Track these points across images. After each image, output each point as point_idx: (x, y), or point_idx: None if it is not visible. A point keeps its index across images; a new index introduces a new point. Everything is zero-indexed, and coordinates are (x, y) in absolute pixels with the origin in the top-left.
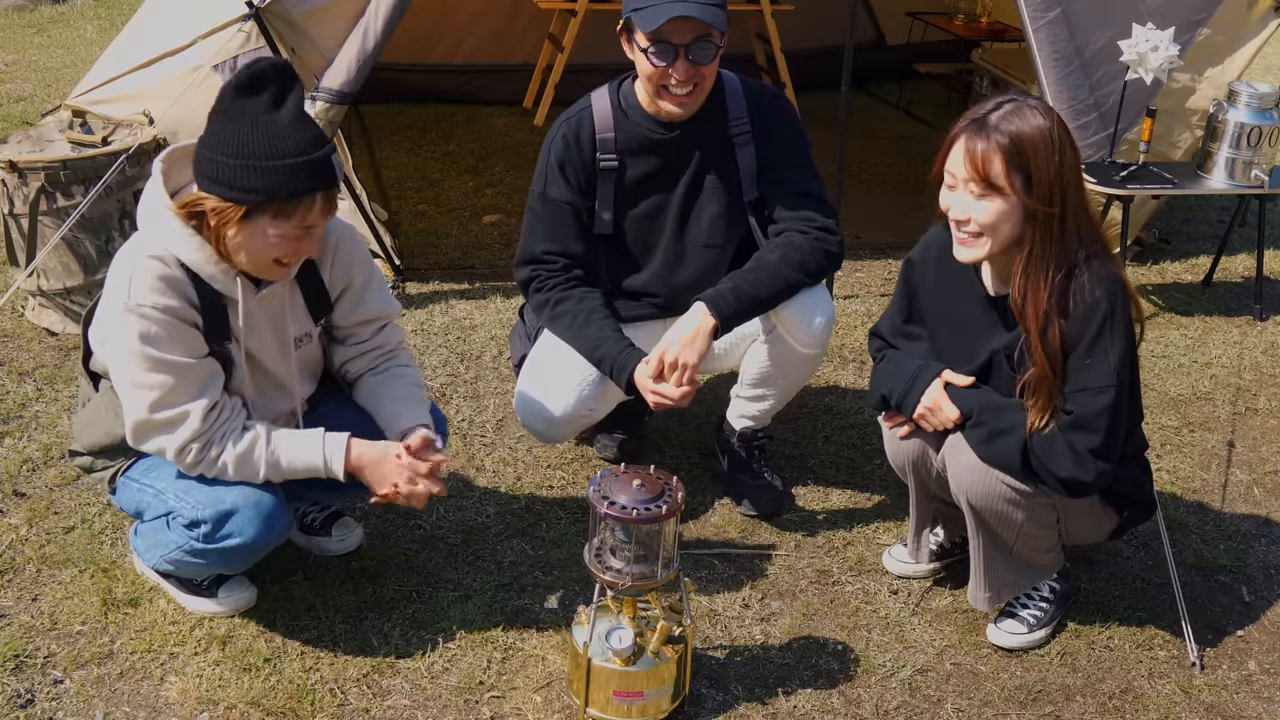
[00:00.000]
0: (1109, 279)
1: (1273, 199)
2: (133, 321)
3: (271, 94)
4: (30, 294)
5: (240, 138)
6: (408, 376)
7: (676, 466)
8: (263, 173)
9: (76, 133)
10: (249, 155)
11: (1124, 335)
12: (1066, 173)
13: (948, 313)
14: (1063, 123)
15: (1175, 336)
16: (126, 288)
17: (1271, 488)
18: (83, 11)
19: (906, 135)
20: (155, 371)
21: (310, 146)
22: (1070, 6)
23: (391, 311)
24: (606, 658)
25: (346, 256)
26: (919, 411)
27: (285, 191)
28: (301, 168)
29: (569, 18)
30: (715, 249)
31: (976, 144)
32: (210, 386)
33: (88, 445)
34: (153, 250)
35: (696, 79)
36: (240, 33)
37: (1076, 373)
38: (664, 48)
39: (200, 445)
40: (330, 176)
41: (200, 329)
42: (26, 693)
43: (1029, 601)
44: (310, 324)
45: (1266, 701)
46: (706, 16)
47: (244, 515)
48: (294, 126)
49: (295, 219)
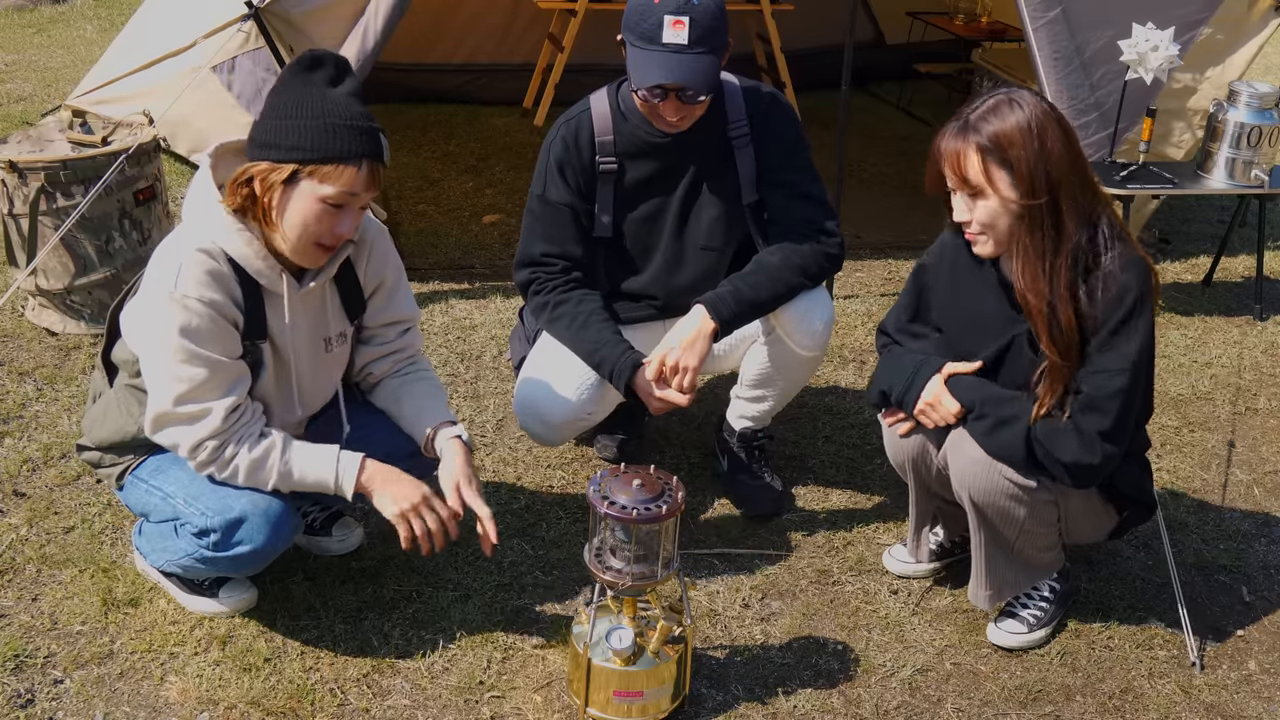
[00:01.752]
0: (1137, 264)
1: (1273, 199)
2: (176, 312)
3: (328, 73)
4: (30, 294)
5: (294, 101)
6: (431, 379)
7: (676, 466)
8: (312, 132)
9: (76, 133)
10: (300, 116)
11: (1147, 322)
12: (1052, 159)
13: (965, 305)
14: (1050, 110)
15: (1175, 336)
16: (174, 278)
17: (1271, 488)
18: (83, 11)
19: (906, 135)
20: (188, 364)
21: (362, 117)
22: (1070, 6)
23: (416, 315)
24: (606, 658)
25: (380, 255)
26: (919, 407)
27: (334, 149)
28: (350, 130)
29: (569, 18)
30: (714, 252)
31: (954, 147)
32: (237, 388)
33: (97, 441)
34: (201, 243)
35: (688, 114)
36: (240, 33)
37: (1095, 354)
38: (655, 92)
39: (216, 444)
40: (378, 148)
41: (239, 328)
42: (26, 693)
43: (1029, 601)
44: (346, 323)
45: (1266, 701)
46: (693, 82)
47: (253, 523)
48: (348, 100)
49: (341, 182)
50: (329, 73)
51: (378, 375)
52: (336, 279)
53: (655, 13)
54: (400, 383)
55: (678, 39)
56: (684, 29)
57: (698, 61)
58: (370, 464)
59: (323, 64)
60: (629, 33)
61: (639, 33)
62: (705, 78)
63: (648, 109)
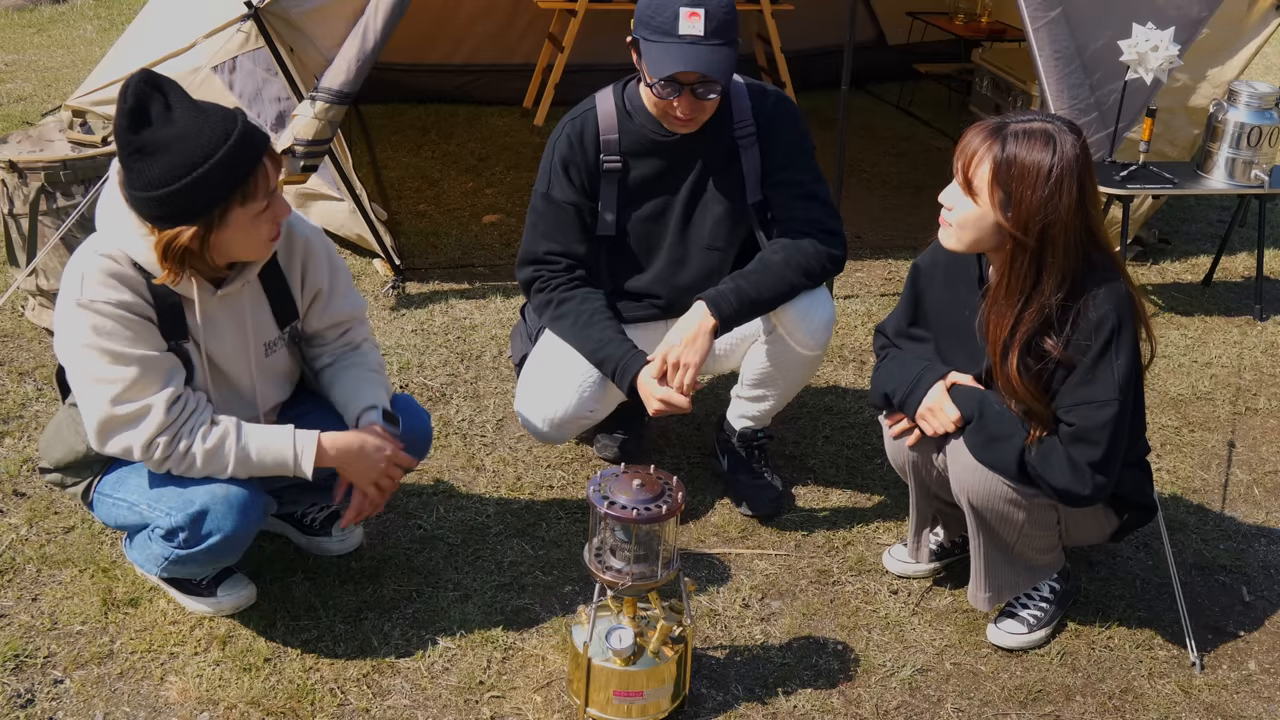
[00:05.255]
0: (1118, 296)
1: (1273, 199)
2: (85, 317)
3: (158, 109)
4: (30, 294)
5: (170, 164)
6: (365, 363)
7: (676, 466)
8: (211, 176)
9: (76, 133)
10: (188, 171)
11: (1130, 351)
12: (1056, 213)
13: (954, 317)
14: (1079, 165)
15: (1175, 336)
16: (79, 285)
17: (1271, 488)
18: (83, 11)
19: (906, 135)
20: (115, 365)
21: (226, 123)
22: (1071, 6)
23: (357, 313)
24: (606, 658)
25: (316, 263)
26: (920, 412)
27: (239, 176)
28: (235, 148)
29: (569, 18)
30: (718, 251)
31: (976, 146)
32: (172, 379)
33: (53, 462)
34: (105, 249)
35: (699, 112)
36: (240, 33)
37: (1080, 386)
38: (670, 85)
39: (168, 439)
40: (261, 137)
41: (155, 323)
42: (26, 693)
43: (1029, 601)
44: (276, 330)
45: (1266, 701)
46: (711, 71)
47: (217, 512)
48: (200, 120)
49: (260, 190)
50: (158, 108)
51: (318, 368)
52: (265, 285)
53: (670, 6)
54: (334, 370)
55: (694, 30)
56: (699, 20)
57: (714, 53)
58: (326, 438)
59: (147, 102)
60: (642, 29)
61: (654, 27)
62: (722, 68)
63: (661, 108)
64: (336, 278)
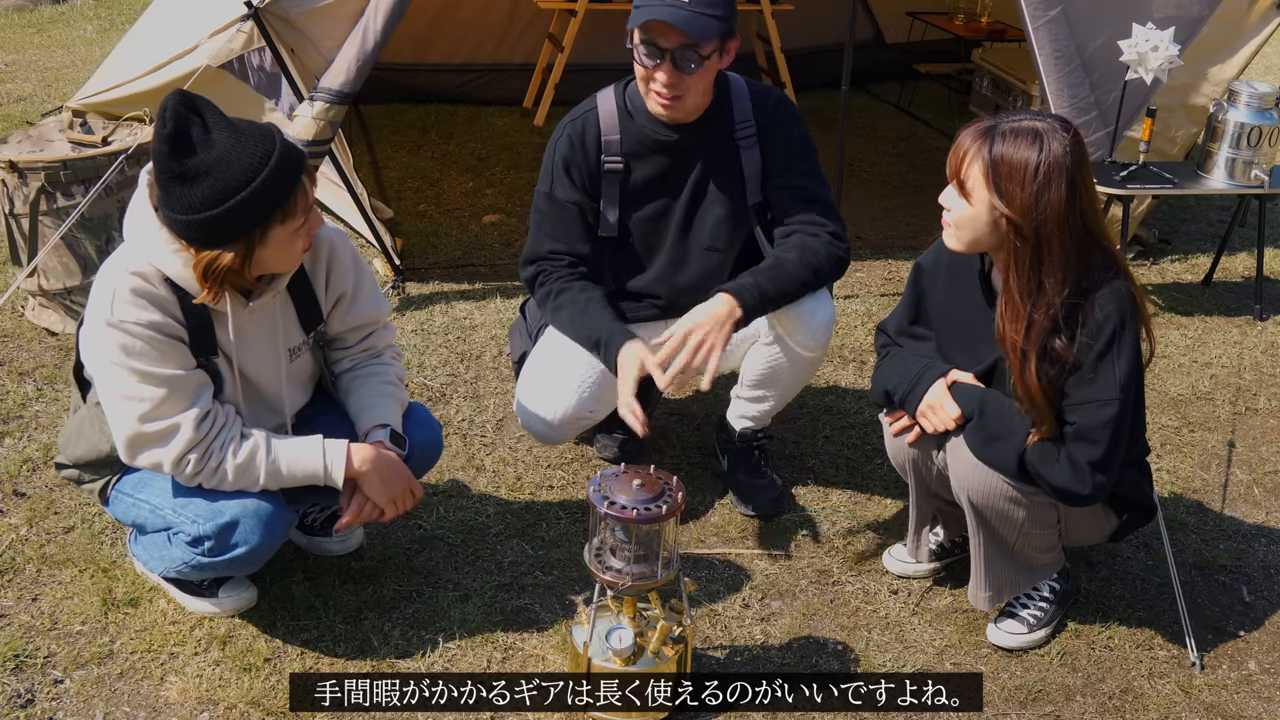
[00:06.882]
0: (1120, 295)
1: (1273, 199)
2: (115, 337)
3: (198, 132)
4: (30, 294)
5: (211, 189)
6: (382, 375)
7: (676, 466)
8: (253, 199)
9: (76, 133)
10: (231, 195)
11: (1132, 351)
12: (1046, 211)
13: (956, 316)
14: (1070, 164)
15: (1175, 336)
16: (109, 304)
17: (1271, 488)
18: (83, 11)
19: (906, 135)
20: (144, 384)
21: (266, 144)
22: (1070, 6)
23: (380, 315)
24: (606, 658)
25: (341, 267)
26: (920, 409)
27: (281, 197)
28: (276, 169)
29: (569, 18)
30: (718, 252)
31: (968, 145)
32: (200, 396)
33: (73, 459)
34: (135, 265)
35: (679, 89)
36: (240, 33)
37: (1083, 385)
38: (651, 49)
39: (199, 455)
40: (299, 155)
41: (185, 342)
42: (26, 693)
43: (1029, 601)
44: (301, 335)
45: (1266, 701)
46: (686, 25)
47: (246, 525)
48: (239, 143)
49: (299, 208)
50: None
51: (338, 372)
52: (291, 291)
53: None
54: (352, 378)
55: None
56: None
57: (697, 17)
58: (356, 450)
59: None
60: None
61: None
62: (701, 30)
63: (644, 81)
64: (361, 280)
